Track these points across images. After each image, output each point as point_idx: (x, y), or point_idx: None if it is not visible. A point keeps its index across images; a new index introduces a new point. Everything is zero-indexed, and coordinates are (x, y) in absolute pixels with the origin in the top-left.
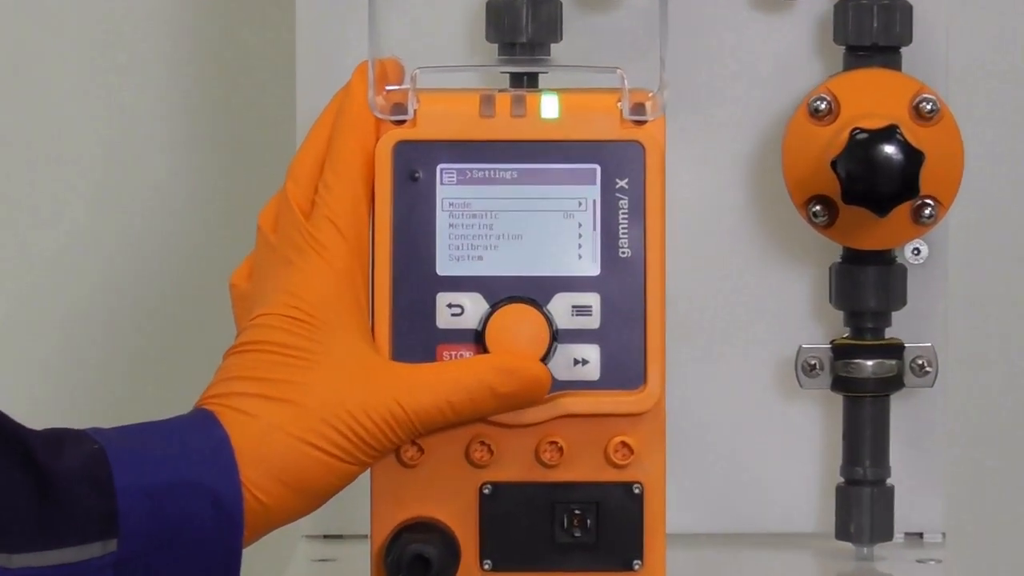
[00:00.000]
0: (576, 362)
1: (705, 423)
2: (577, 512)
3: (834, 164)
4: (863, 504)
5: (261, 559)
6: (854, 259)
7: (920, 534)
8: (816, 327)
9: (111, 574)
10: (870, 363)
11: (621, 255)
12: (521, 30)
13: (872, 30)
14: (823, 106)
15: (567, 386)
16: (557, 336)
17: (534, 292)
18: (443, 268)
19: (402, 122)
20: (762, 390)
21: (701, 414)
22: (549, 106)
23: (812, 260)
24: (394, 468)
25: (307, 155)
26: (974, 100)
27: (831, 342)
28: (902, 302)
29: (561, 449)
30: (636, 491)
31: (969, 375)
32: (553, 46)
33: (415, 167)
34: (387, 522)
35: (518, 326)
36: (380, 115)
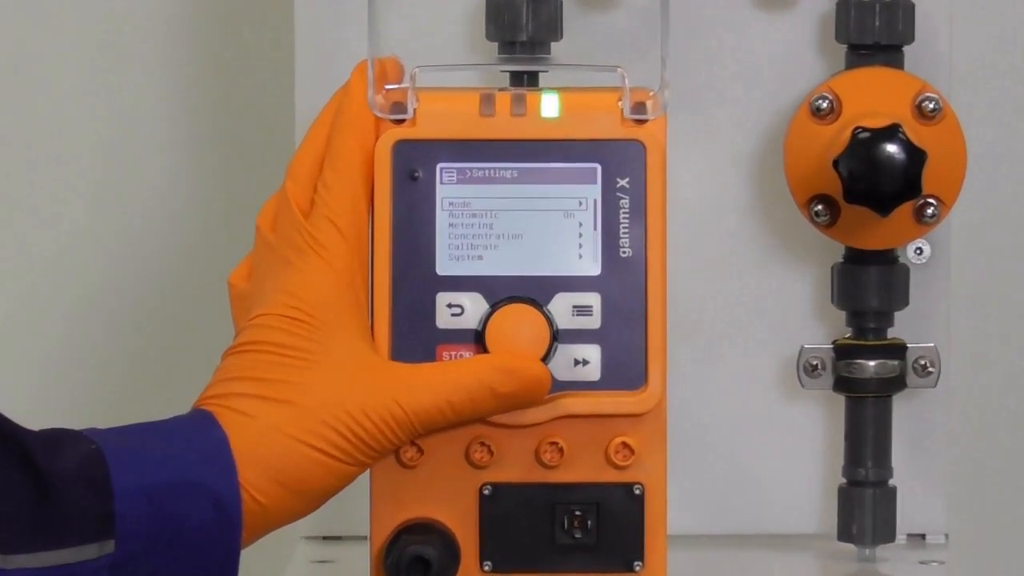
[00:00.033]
0: (576, 362)
1: (706, 424)
2: (578, 513)
3: (836, 163)
4: (865, 505)
5: (260, 560)
6: (856, 259)
7: (923, 535)
8: (818, 327)
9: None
10: (872, 363)
11: (622, 255)
12: (521, 28)
13: (874, 29)
14: (825, 105)
15: (567, 386)
16: (557, 336)
17: (534, 292)
18: (443, 268)
19: (402, 121)
20: (764, 390)
21: (702, 414)
22: (549, 105)
23: (814, 260)
24: (394, 469)
25: (306, 154)
26: (977, 99)
27: (833, 342)
28: (904, 302)
29: (561, 450)
30: (637, 492)
31: (972, 375)
32: (553, 45)
33: (415, 166)
34: (386, 523)
35: (518, 326)
36: (379, 114)
